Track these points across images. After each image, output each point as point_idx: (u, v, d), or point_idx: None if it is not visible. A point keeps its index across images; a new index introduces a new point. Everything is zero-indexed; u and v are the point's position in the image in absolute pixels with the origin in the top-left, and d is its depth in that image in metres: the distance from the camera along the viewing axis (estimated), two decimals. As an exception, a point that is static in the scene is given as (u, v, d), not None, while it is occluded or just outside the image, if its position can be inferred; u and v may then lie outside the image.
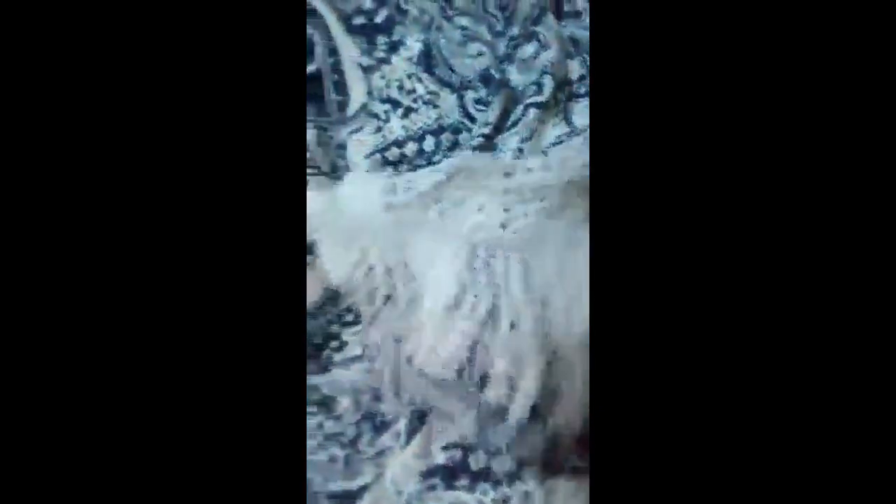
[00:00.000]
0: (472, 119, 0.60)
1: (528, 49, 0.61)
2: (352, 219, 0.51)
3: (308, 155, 0.58)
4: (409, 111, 0.60)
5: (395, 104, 0.60)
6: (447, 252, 0.48)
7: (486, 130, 0.60)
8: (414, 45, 0.61)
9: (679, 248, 0.25)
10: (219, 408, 0.29)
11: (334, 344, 0.54)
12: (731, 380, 0.25)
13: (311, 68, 0.59)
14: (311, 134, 0.58)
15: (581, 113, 0.57)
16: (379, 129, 0.60)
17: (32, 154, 0.26)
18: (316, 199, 0.52)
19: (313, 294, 0.54)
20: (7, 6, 0.26)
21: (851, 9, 0.24)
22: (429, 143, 0.60)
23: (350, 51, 0.60)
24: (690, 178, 0.25)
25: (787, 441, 0.24)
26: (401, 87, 0.60)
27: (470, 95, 0.61)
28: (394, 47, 0.61)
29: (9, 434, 0.26)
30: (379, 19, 0.60)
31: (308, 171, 0.58)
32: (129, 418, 0.28)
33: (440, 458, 0.54)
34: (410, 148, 0.59)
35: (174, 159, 0.29)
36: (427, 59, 0.61)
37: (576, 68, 0.59)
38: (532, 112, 0.62)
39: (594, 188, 0.27)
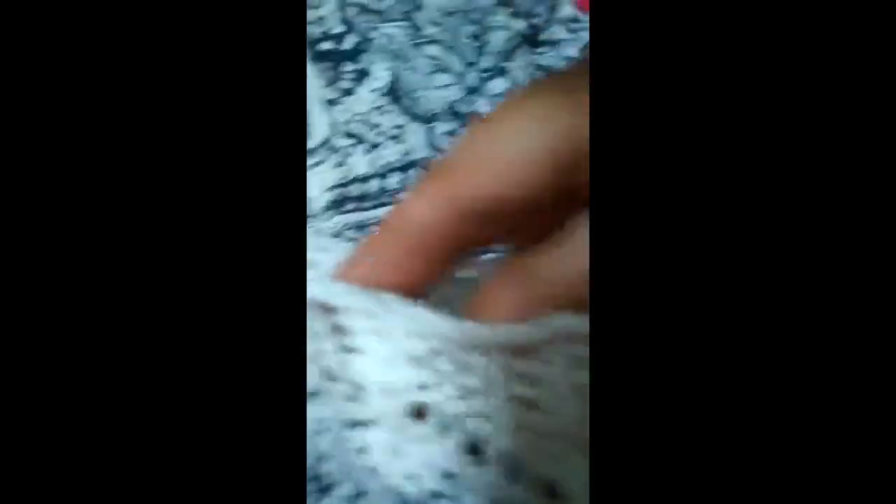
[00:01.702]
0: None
1: (500, 84, 0.58)
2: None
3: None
4: (374, 147, 0.56)
5: (359, 139, 0.56)
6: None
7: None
8: (381, 75, 0.57)
9: (678, 252, 0.24)
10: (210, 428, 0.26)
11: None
12: (731, 383, 0.24)
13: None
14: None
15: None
16: (340, 165, 0.56)
17: (19, 145, 0.25)
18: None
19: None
20: (5, 5, 0.25)
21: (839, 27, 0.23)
22: (394, 181, 0.56)
23: (315, 81, 0.56)
24: (689, 186, 0.24)
25: (786, 450, 0.23)
26: (365, 121, 0.56)
27: (439, 128, 0.58)
28: (360, 77, 0.57)
29: (8, 434, 0.25)
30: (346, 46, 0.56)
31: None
32: (129, 423, 0.25)
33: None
34: (374, 185, 0.56)
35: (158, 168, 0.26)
36: (394, 91, 0.57)
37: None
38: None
39: (594, 189, 0.26)
